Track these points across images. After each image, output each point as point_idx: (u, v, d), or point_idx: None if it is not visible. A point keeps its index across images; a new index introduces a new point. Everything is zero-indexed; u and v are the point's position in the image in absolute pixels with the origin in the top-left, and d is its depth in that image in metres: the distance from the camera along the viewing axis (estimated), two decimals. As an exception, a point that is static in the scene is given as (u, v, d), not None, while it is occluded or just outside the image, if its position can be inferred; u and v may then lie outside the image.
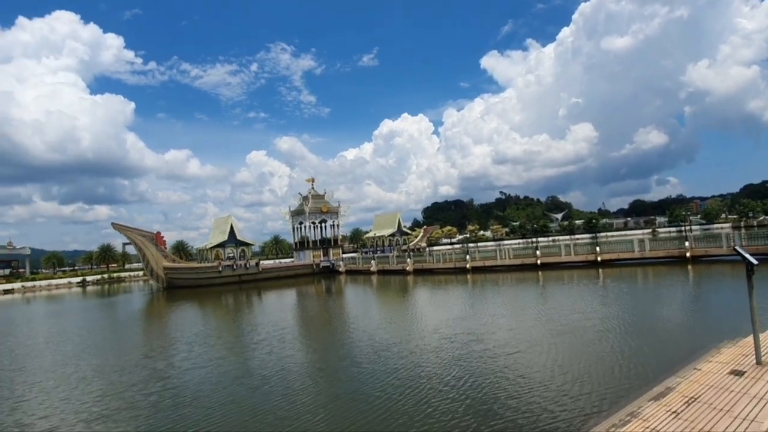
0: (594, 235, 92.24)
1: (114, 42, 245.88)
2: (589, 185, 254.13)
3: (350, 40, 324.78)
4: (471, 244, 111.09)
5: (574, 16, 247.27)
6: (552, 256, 39.30)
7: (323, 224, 66.45)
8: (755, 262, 6.91)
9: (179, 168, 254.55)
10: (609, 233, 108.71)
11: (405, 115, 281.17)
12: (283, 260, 79.32)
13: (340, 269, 58.11)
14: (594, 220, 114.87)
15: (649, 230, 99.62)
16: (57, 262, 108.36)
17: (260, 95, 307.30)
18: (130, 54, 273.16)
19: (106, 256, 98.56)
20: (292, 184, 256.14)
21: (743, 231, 38.76)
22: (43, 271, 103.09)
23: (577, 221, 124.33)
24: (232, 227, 55.19)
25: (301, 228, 65.25)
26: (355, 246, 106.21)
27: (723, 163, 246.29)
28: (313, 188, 66.60)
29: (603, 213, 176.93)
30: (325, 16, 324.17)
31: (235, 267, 53.35)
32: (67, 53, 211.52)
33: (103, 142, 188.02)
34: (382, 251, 69.33)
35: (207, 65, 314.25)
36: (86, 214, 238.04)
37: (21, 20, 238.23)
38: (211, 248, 54.43)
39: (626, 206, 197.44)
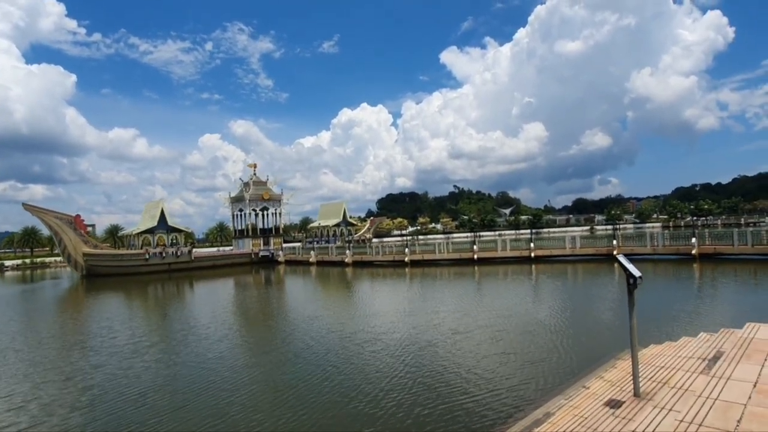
0: (535, 231, 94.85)
1: (54, 9, 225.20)
2: (538, 183, 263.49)
3: (310, 25, 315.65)
4: (420, 237, 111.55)
5: (530, 18, 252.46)
6: (488, 251, 39.36)
7: (265, 212, 63.80)
8: (637, 274, 6.06)
9: (124, 147, 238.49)
10: (552, 229, 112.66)
11: (364, 104, 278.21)
12: (224, 248, 75.89)
13: (280, 259, 56.14)
14: (537, 217, 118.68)
15: (588, 227, 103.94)
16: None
17: (215, 76, 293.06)
18: (72, 23, 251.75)
19: (29, 239, 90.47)
20: (246, 170, 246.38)
21: (668, 231, 40.49)
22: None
23: (522, 217, 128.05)
24: (162, 212, 51.67)
25: (241, 215, 62.38)
26: (306, 235, 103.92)
27: (659, 166, 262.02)
28: (255, 174, 63.70)
29: (549, 210, 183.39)
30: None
31: (164, 255, 50.02)
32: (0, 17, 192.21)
33: (39, 116, 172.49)
34: (327, 241, 67.75)
35: (158, 41, 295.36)
36: (20, 193, 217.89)
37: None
38: (137, 234, 50.71)
39: (570, 204, 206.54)
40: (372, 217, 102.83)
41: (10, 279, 57.71)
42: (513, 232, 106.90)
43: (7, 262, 75.09)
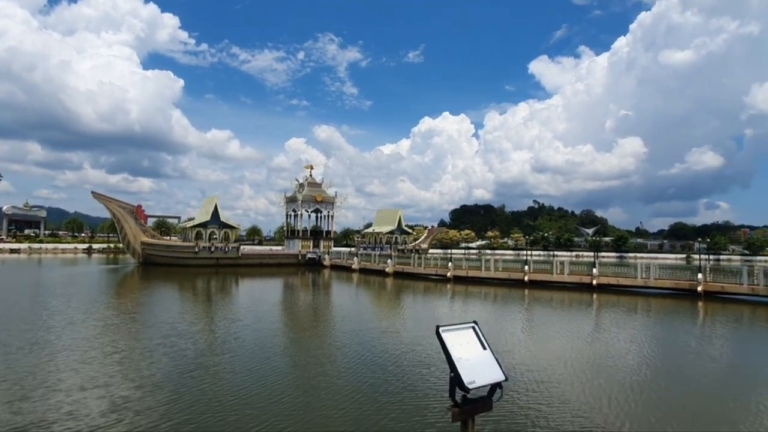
0: (619, 254, 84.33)
1: (170, 21, 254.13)
2: (631, 203, 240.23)
3: (398, 35, 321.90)
4: (488, 251, 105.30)
5: (632, 26, 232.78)
6: (542, 273, 34.06)
7: (318, 214, 62.91)
8: (492, 379, 2.51)
9: (220, 148, 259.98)
10: (639, 254, 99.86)
11: (446, 114, 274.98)
12: (275, 248, 76.51)
13: (325, 263, 54.59)
14: (623, 239, 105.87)
15: (684, 256, 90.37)
16: (76, 228, 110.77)
17: (304, 83, 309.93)
18: (184, 34, 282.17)
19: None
20: (327, 173, 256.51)
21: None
22: (63, 234, 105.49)
23: (606, 238, 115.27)
24: (216, 208, 52.50)
25: (294, 216, 62.00)
26: (363, 240, 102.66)
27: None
28: (310, 176, 63.01)
29: (640, 232, 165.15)
30: (375, 9, 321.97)
31: (212, 249, 50.68)
32: (125, 29, 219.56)
33: (150, 116, 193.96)
34: (381, 248, 65.30)
35: (256, 50, 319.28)
36: (130, 185, 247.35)
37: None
38: (192, 227, 52.00)
39: (667, 228, 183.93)
40: (430, 227, 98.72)
41: (95, 260, 63.19)
42: (592, 253, 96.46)
43: (95, 246, 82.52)
